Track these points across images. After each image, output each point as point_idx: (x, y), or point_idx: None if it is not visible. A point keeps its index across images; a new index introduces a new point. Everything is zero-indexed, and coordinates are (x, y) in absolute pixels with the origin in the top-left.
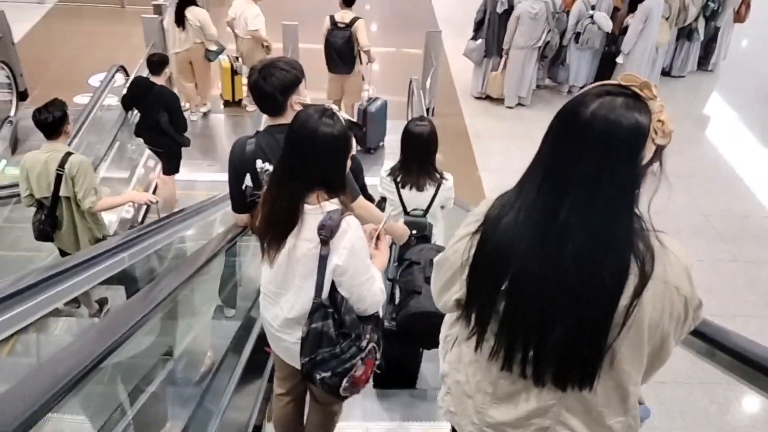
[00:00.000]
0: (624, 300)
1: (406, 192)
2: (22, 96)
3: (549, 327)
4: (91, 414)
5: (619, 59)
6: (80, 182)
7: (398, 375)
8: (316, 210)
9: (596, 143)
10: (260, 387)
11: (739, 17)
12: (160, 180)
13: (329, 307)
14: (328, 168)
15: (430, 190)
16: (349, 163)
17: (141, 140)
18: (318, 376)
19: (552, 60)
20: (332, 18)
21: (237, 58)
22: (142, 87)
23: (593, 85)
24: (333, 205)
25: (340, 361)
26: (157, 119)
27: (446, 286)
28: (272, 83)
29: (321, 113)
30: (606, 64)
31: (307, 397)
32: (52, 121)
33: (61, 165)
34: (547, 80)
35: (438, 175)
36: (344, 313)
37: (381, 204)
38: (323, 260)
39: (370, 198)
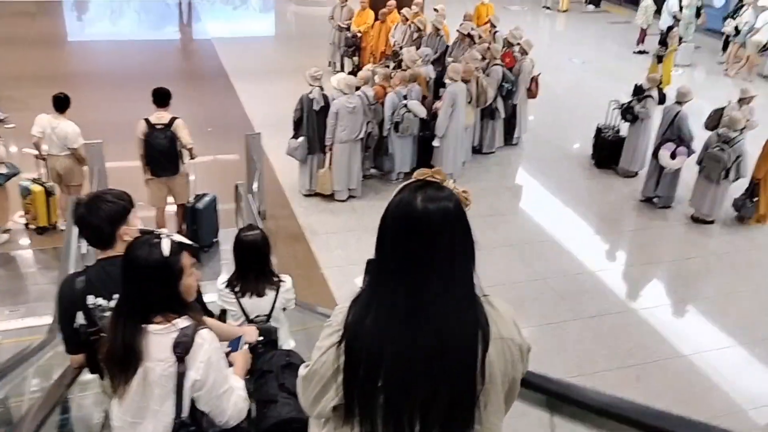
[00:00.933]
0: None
1: (246, 300)
2: None
3: (433, 397)
4: None
5: (435, 142)
6: None
7: None
8: (167, 329)
9: (438, 225)
10: None
11: (532, 94)
12: None
13: (191, 425)
14: (164, 292)
15: (270, 295)
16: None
17: None
18: None
19: (375, 150)
20: (147, 120)
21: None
22: None
23: (402, 185)
24: (184, 321)
25: None
26: None
27: (319, 396)
28: (99, 216)
29: (144, 242)
30: (425, 148)
31: None
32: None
33: None
34: (372, 170)
35: (276, 279)
36: (206, 429)
37: (222, 317)
38: (181, 377)
39: (209, 313)
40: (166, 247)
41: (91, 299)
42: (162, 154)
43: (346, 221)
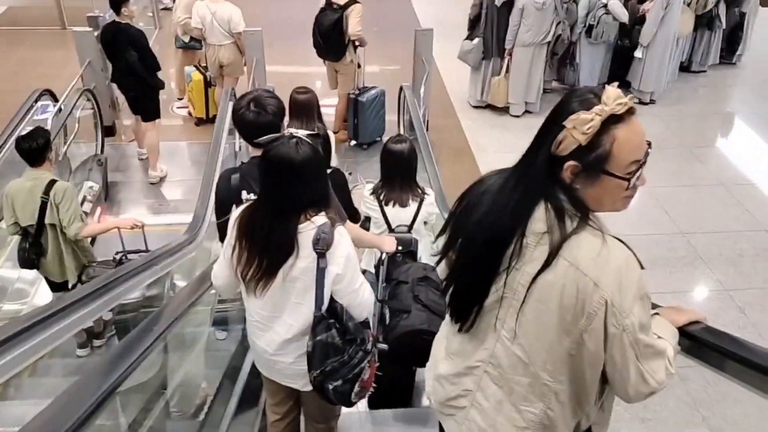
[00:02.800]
0: (532, 268)
1: (389, 209)
2: (108, 131)
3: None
4: None
5: (638, 53)
6: (65, 208)
7: (392, 396)
8: (307, 227)
9: (544, 124)
10: (257, 415)
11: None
12: (139, 128)
13: (329, 318)
14: (310, 192)
15: (413, 206)
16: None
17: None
18: (330, 386)
19: (559, 59)
20: None
21: (205, 67)
22: (109, 30)
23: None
24: (322, 218)
25: (350, 367)
26: (126, 59)
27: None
28: (269, 112)
29: (287, 143)
30: (621, 60)
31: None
32: (36, 148)
33: (46, 192)
34: (554, 83)
35: (420, 191)
36: (346, 321)
37: (365, 224)
38: (321, 273)
39: (354, 212)
40: (306, 143)
41: (245, 194)
42: (322, 36)
43: (519, 140)
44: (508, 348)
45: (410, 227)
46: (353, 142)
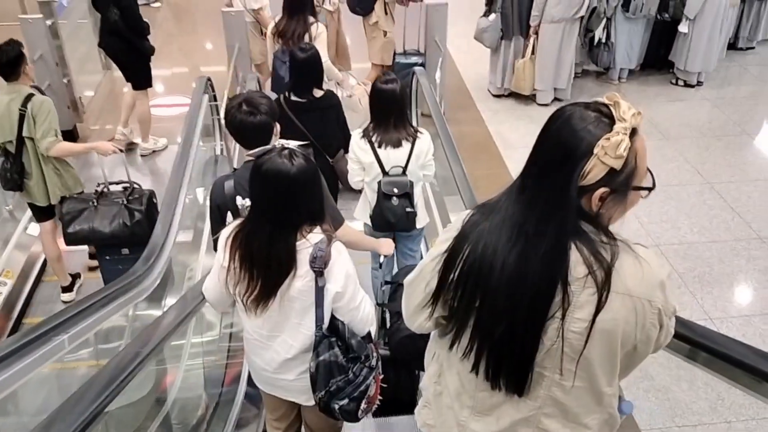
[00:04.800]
0: (586, 313)
1: (382, 151)
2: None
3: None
4: None
5: (683, 27)
6: (41, 121)
7: (395, 402)
8: (303, 245)
9: (553, 156)
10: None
11: None
12: (130, 97)
13: (331, 336)
14: (307, 205)
15: (406, 146)
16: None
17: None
18: (336, 406)
19: (590, 40)
20: None
21: None
22: None
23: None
24: (317, 235)
25: (356, 385)
26: (108, 17)
27: (420, 306)
28: (264, 111)
29: (279, 155)
30: (661, 37)
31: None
32: (7, 61)
33: (24, 105)
34: (584, 66)
35: (413, 130)
36: (349, 338)
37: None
38: (320, 291)
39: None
40: (300, 156)
41: (239, 200)
42: None
43: None
44: (565, 388)
45: (405, 168)
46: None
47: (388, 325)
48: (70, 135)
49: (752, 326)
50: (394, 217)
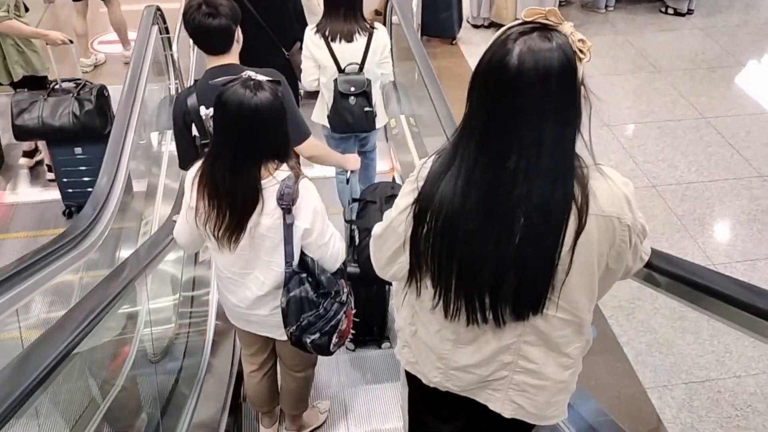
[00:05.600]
0: (568, 237)
1: (336, 45)
2: None
3: (503, 276)
4: (64, 410)
5: None
6: None
7: (367, 325)
8: (269, 182)
9: (533, 86)
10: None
11: None
12: (80, 24)
13: (302, 272)
14: (270, 141)
15: (361, 41)
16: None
17: None
18: (308, 340)
19: None
20: None
21: None
22: None
23: (506, 27)
24: (284, 172)
25: (326, 320)
26: None
27: (393, 258)
28: (224, 13)
29: (243, 85)
30: None
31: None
32: None
33: None
34: None
35: (367, 24)
36: (319, 274)
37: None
38: (289, 228)
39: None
40: (265, 87)
41: (203, 110)
42: None
43: None
44: (547, 317)
45: (361, 67)
46: None
47: (356, 242)
48: None
49: (758, 271)
50: (352, 117)
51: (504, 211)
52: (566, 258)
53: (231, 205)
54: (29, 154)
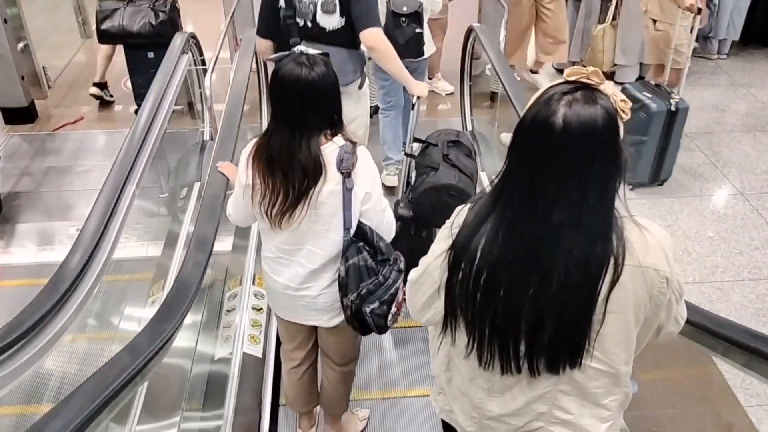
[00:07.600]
0: (604, 288)
1: None
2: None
3: (539, 325)
4: None
5: None
6: None
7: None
8: (329, 146)
9: (579, 148)
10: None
11: None
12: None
13: (359, 241)
14: (324, 111)
15: None
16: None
17: None
18: (367, 309)
19: None
20: None
21: None
22: None
23: (541, 91)
24: (340, 139)
25: (386, 288)
26: None
27: (429, 303)
28: None
29: (298, 62)
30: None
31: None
32: None
33: None
34: None
35: None
36: (377, 241)
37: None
38: (348, 193)
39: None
40: (318, 62)
41: None
42: None
43: None
44: (582, 367)
45: None
46: None
47: (412, 181)
48: (27, 113)
49: None
50: (402, 38)
51: (546, 263)
52: (600, 308)
53: (289, 179)
54: (100, 86)
